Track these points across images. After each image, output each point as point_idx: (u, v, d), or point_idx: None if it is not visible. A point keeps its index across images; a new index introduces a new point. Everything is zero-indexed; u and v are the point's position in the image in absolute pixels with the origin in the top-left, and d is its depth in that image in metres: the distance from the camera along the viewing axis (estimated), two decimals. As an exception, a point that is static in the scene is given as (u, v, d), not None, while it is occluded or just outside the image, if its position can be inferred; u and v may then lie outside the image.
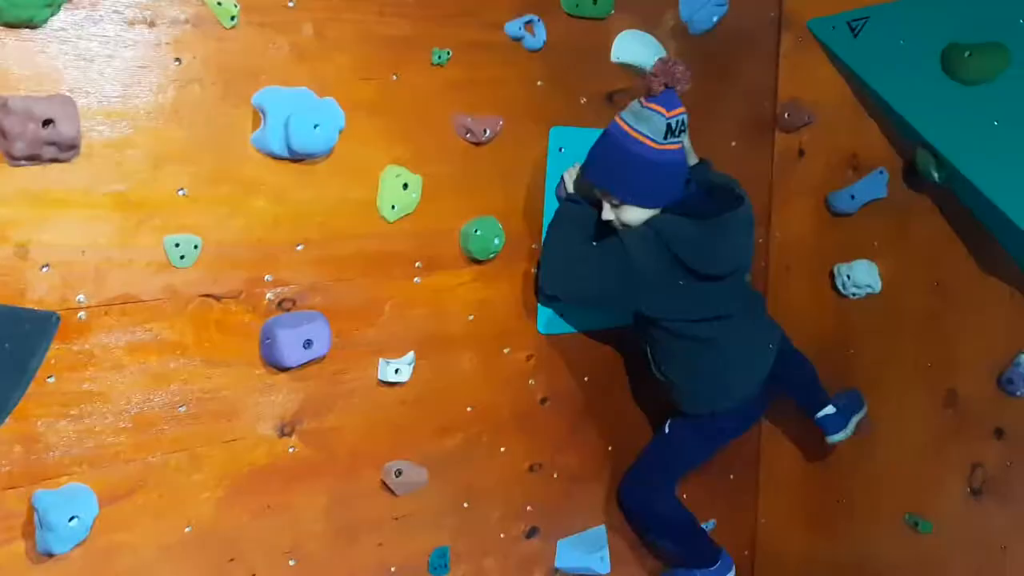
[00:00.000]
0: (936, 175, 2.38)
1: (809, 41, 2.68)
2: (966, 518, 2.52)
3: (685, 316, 2.12)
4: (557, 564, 2.41)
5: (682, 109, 1.98)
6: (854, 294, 2.67)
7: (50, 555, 1.55)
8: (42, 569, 1.56)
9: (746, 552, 2.99)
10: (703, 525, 2.81)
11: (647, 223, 2.05)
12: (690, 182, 2.08)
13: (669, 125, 1.95)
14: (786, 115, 2.76)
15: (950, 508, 2.55)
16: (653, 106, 1.95)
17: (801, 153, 2.77)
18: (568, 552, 2.41)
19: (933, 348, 2.55)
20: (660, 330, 2.18)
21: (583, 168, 2.12)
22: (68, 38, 1.48)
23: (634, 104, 1.99)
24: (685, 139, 2.04)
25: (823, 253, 2.74)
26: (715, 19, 2.53)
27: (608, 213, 2.07)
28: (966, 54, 2.30)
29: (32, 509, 1.53)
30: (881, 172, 2.59)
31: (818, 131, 2.72)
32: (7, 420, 1.48)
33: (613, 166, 2.02)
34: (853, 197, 2.63)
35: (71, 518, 1.52)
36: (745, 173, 2.68)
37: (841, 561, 2.79)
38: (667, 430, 2.38)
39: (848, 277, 2.66)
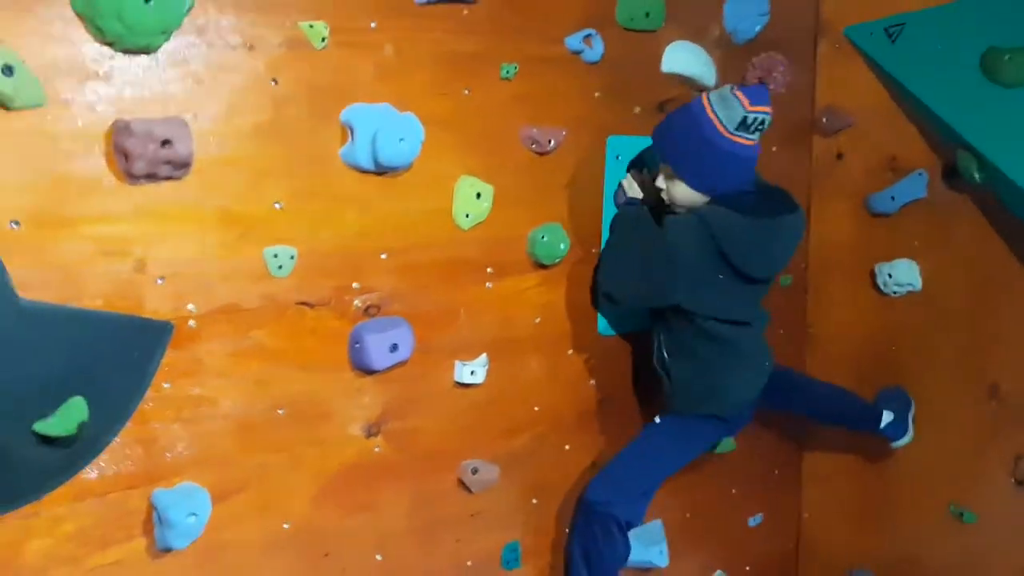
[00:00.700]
0: (977, 176, 2.46)
1: (846, 48, 2.77)
2: (1011, 508, 2.59)
3: (714, 313, 2.15)
4: (618, 558, 2.48)
5: (766, 108, 2.01)
6: (895, 292, 2.76)
7: (168, 550, 1.64)
8: (161, 564, 1.65)
9: (791, 547, 3.07)
10: (751, 519, 2.90)
11: (695, 212, 2.09)
12: (751, 184, 2.13)
13: (745, 118, 1.98)
14: (824, 120, 2.85)
15: (995, 499, 2.63)
16: (739, 95, 2.00)
17: (839, 156, 2.85)
18: (629, 546, 2.49)
19: (974, 344, 2.63)
20: (685, 323, 2.16)
21: (654, 132, 2.16)
22: (179, 63, 1.57)
23: (725, 88, 2.03)
24: (757, 138, 2.06)
25: (863, 253, 2.82)
26: (757, 28, 2.62)
27: (661, 182, 2.12)
28: (1006, 57, 2.39)
29: (151, 507, 1.62)
30: (920, 173, 2.67)
31: (856, 135, 2.81)
32: (128, 423, 1.57)
33: (678, 137, 2.07)
34: (893, 198, 2.72)
35: (190, 515, 1.61)
36: (785, 177, 2.77)
37: (885, 553, 2.87)
38: (653, 425, 2.34)
39: (889, 276, 2.74)
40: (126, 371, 1.54)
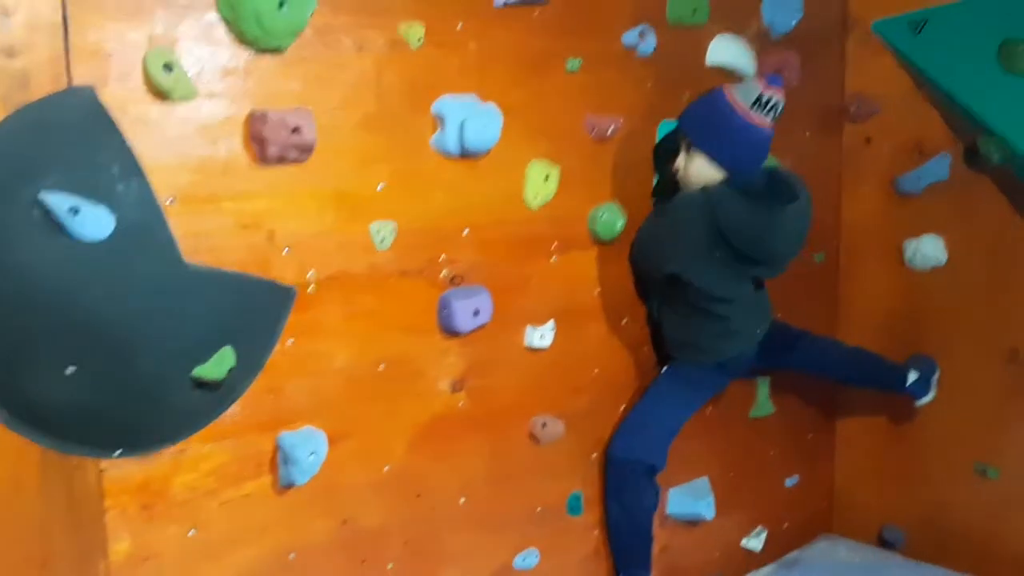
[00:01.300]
0: (996, 157, 2.68)
1: (873, 40, 2.98)
2: (1031, 463, 2.82)
3: (706, 288, 2.32)
4: (668, 510, 2.71)
5: (779, 91, 2.25)
6: (922, 266, 2.97)
7: (291, 486, 1.88)
8: (284, 498, 1.89)
9: (825, 507, 3.29)
10: (788, 479, 3.12)
11: (704, 190, 2.28)
12: (764, 172, 2.34)
13: (760, 97, 2.22)
14: (854, 107, 3.06)
15: (1016, 455, 2.85)
16: (756, 79, 2.28)
17: (868, 141, 3.07)
18: (678, 499, 2.72)
19: (996, 312, 2.85)
20: (677, 292, 2.36)
21: (684, 113, 2.37)
22: (303, 61, 1.81)
23: (747, 78, 2.29)
24: (771, 120, 2.26)
25: (891, 231, 3.04)
26: (792, 23, 2.84)
27: (679, 160, 2.34)
28: (1020, 48, 2.60)
29: (276, 449, 1.86)
30: (944, 156, 2.89)
31: (884, 121, 3.02)
32: (260, 374, 1.81)
33: (699, 112, 2.32)
34: (919, 179, 2.93)
35: (311, 454, 1.85)
36: (817, 161, 3.01)
37: (915, 510, 3.08)
38: (660, 376, 2.55)
39: (916, 251, 2.96)
40: (260, 327, 1.78)
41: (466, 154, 2.08)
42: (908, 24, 2.89)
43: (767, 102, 2.24)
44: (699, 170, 2.30)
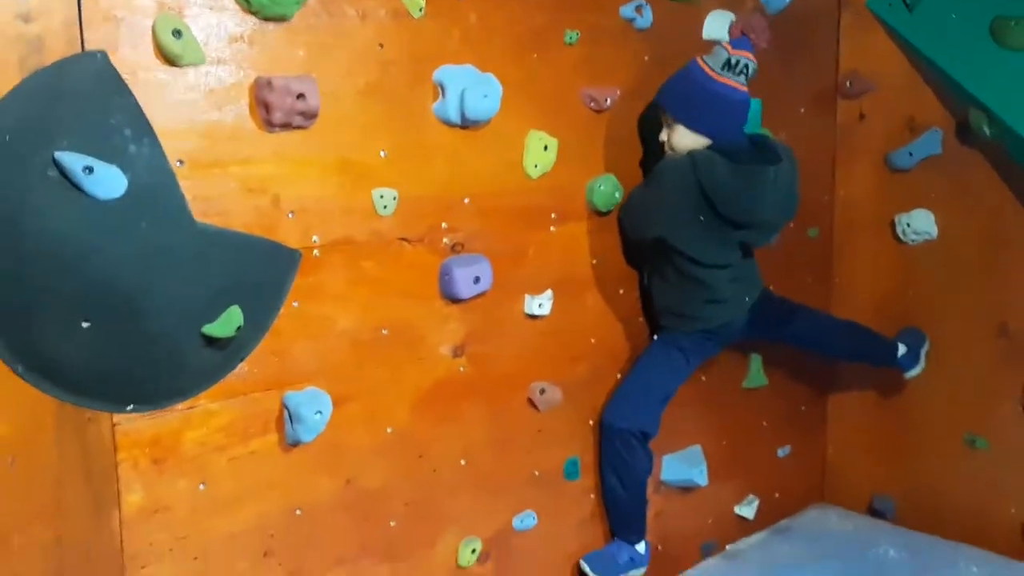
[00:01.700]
0: (988, 131, 2.73)
1: (867, 17, 3.03)
2: (1020, 435, 2.88)
3: (693, 254, 2.38)
4: (663, 477, 2.77)
5: (748, 54, 2.30)
6: (913, 240, 3.03)
7: (297, 444, 1.94)
8: (290, 455, 1.95)
9: (817, 478, 3.36)
10: (780, 449, 3.18)
11: (689, 154, 2.32)
12: (746, 136, 2.40)
13: (728, 60, 2.28)
14: (848, 84, 3.11)
15: (1004, 427, 2.91)
16: (724, 44, 2.33)
17: (862, 117, 3.12)
18: (672, 466, 2.78)
19: (986, 286, 2.91)
20: (665, 259, 2.43)
21: (661, 89, 2.42)
22: (308, 29, 1.86)
23: (715, 45, 2.36)
24: (743, 81, 2.31)
25: (883, 205, 3.09)
26: (787, 0, 2.88)
27: (663, 134, 2.40)
28: (1012, 24, 2.65)
29: (283, 408, 1.92)
30: (936, 131, 2.94)
31: (877, 97, 3.07)
32: (266, 335, 1.86)
33: (675, 86, 2.38)
34: (911, 154, 2.99)
35: (316, 412, 1.91)
36: (811, 137, 3.06)
37: (906, 481, 3.15)
38: (650, 344, 2.61)
39: (908, 225, 3.01)
40: (267, 289, 1.83)
41: (467, 123, 2.13)
42: (902, 1, 2.94)
43: (736, 64, 2.29)
44: (683, 140, 2.35)
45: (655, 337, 2.62)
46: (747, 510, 3.05)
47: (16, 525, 1.61)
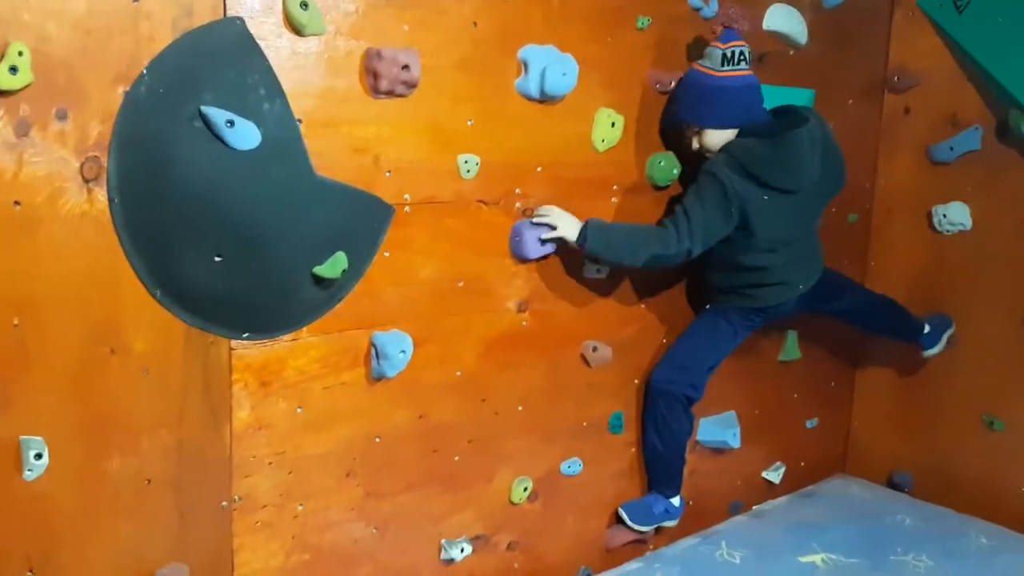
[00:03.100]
0: (1026, 131, 2.89)
1: (918, 16, 3.19)
2: (1035, 417, 3.06)
3: (763, 231, 2.48)
4: (699, 437, 2.98)
5: (739, 43, 2.42)
6: (948, 231, 3.20)
7: (381, 378, 2.17)
8: (375, 388, 2.18)
9: (840, 450, 3.56)
10: (808, 421, 3.38)
11: (724, 149, 2.46)
12: (768, 112, 2.53)
13: (724, 54, 2.41)
14: (896, 78, 3.27)
15: (1022, 410, 3.09)
16: (714, 43, 2.45)
17: (907, 111, 3.29)
18: (708, 428, 2.99)
19: (1014, 276, 3.08)
20: (724, 243, 2.50)
21: (670, 108, 2.57)
22: (413, 6, 2.06)
23: (706, 48, 2.48)
24: (745, 66, 2.43)
25: (922, 196, 3.26)
26: (843, -4, 3.05)
27: (694, 143, 2.54)
28: (1057, 30, 2.80)
29: (371, 346, 2.14)
30: (976, 128, 3.10)
31: (923, 92, 3.24)
32: (361, 280, 2.09)
33: (687, 98, 2.52)
34: (951, 149, 3.15)
35: (400, 351, 2.13)
36: (857, 127, 3.24)
37: (925, 458, 3.34)
38: (702, 313, 2.76)
39: (944, 216, 3.19)
40: (366, 238, 2.05)
41: (544, 98, 2.33)
42: (952, 2, 3.09)
43: (733, 55, 2.43)
44: (713, 139, 2.49)
45: (707, 308, 2.79)
46: (774, 475, 3.25)
47: (146, 428, 1.86)
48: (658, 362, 2.78)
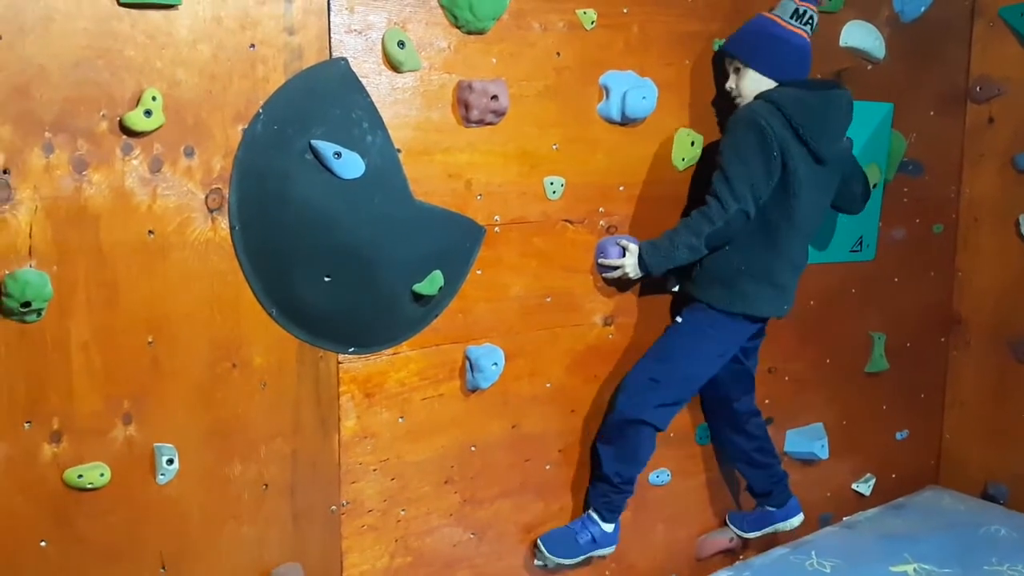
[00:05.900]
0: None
1: (999, 26, 3.19)
2: None
3: (807, 199, 2.38)
4: (786, 448, 3.02)
5: (812, 7, 2.40)
6: (1037, 240, 3.18)
7: (475, 390, 2.30)
8: (469, 399, 2.31)
9: (932, 462, 3.53)
10: (898, 433, 3.38)
11: (761, 96, 2.38)
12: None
13: (796, 10, 2.39)
14: (978, 88, 3.27)
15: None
16: None
17: (991, 121, 3.28)
18: (795, 440, 3.02)
19: (1107, 284, 3.04)
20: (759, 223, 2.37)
21: (726, 42, 2.51)
22: (500, 40, 2.20)
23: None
24: (809, 31, 2.41)
25: (1009, 205, 3.25)
26: (922, 9, 3.07)
27: (731, 81, 2.47)
28: None
29: (465, 359, 2.27)
30: (1064, 136, 3.08)
31: (1006, 102, 3.23)
32: (455, 297, 2.22)
33: (747, 36, 2.45)
34: (1038, 158, 3.14)
35: (493, 363, 2.26)
36: (940, 138, 3.25)
37: (1019, 467, 3.29)
38: (680, 326, 2.51)
39: (1032, 225, 3.17)
40: (460, 257, 2.19)
41: (626, 121, 2.44)
42: (1034, 10, 3.09)
43: (804, 14, 2.42)
44: (751, 84, 2.42)
45: (679, 319, 2.52)
46: (864, 487, 3.26)
47: (263, 437, 2.02)
48: (628, 381, 2.50)
